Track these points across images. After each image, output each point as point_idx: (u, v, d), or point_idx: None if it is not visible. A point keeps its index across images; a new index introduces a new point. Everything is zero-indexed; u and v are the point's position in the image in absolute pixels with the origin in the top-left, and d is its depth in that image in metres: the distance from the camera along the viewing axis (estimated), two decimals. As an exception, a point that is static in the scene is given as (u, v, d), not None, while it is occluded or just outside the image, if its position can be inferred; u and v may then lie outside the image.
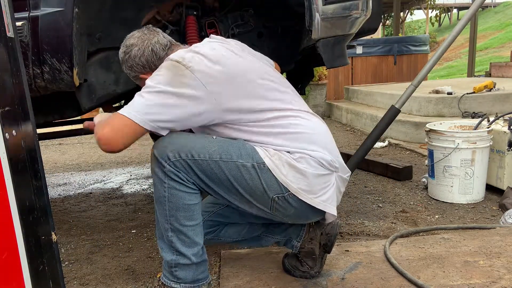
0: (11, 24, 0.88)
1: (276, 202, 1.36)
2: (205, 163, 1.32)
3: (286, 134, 1.37)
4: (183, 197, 1.34)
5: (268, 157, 1.34)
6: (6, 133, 0.84)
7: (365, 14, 2.03)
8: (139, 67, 1.49)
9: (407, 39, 7.97)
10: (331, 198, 1.41)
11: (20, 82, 0.90)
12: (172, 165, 1.32)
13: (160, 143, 1.36)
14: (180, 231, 1.37)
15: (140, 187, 3.29)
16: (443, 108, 4.23)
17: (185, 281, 1.41)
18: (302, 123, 1.40)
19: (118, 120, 1.29)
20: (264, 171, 1.33)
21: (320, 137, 1.41)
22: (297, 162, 1.34)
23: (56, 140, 5.53)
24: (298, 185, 1.34)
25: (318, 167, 1.36)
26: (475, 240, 1.86)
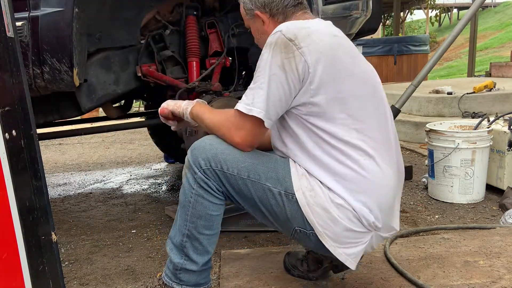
0: (11, 24, 0.88)
1: (297, 233, 1.29)
2: (232, 178, 1.28)
3: (345, 169, 1.22)
4: (208, 207, 1.32)
5: (301, 190, 1.23)
6: (6, 133, 0.84)
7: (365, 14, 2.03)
8: (260, 1, 1.35)
9: (407, 39, 7.99)
10: (356, 254, 1.27)
11: (20, 82, 0.90)
12: (203, 173, 1.29)
13: (195, 147, 1.33)
14: (196, 238, 1.35)
15: (140, 187, 3.29)
16: (443, 108, 4.23)
17: (187, 284, 1.40)
18: (370, 166, 1.22)
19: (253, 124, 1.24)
20: (291, 203, 1.25)
21: (378, 190, 1.24)
22: (334, 208, 1.21)
23: (56, 140, 5.53)
24: (325, 230, 1.23)
25: (356, 222, 1.22)
26: (475, 240, 1.86)
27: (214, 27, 2.35)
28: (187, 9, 2.28)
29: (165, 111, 1.45)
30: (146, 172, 3.78)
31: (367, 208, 1.22)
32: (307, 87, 1.20)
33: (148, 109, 3.67)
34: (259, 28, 1.39)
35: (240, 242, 2.06)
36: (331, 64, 1.21)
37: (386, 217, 1.28)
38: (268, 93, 1.20)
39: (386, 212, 1.27)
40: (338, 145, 1.22)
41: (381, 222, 1.26)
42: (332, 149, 1.22)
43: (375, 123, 1.27)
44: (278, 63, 1.20)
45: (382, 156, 1.25)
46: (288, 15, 1.34)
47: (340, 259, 1.26)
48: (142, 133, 5.76)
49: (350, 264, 1.28)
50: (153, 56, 2.26)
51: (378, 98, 1.30)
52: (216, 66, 2.35)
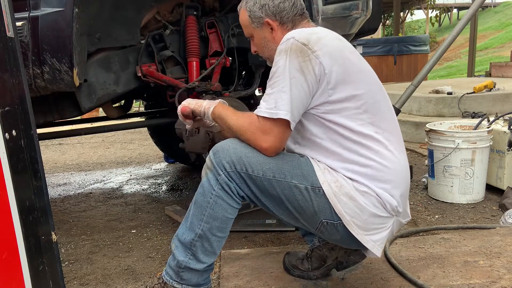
0: (11, 24, 0.88)
1: (324, 226, 1.32)
2: (258, 179, 1.30)
3: (365, 160, 1.28)
4: (226, 209, 1.34)
5: (327, 182, 1.28)
6: (6, 133, 0.84)
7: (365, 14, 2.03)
8: (270, 9, 1.39)
9: (407, 39, 7.99)
10: (381, 240, 1.33)
11: (20, 82, 0.90)
12: (227, 175, 1.31)
13: (218, 149, 1.33)
14: (208, 239, 1.36)
15: (140, 187, 3.29)
16: (443, 108, 4.23)
17: (188, 283, 1.40)
18: (388, 155, 1.30)
19: (279, 128, 1.27)
20: (319, 196, 1.28)
21: (397, 177, 1.31)
22: (359, 195, 1.27)
23: (56, 140, 5.53)
24: (353, 218, 1.28)
25: (380, 207, 1.29)
26: (475, 240, 1.86)
27: (214, 27, 2.35)
28: (187, 9, 2.28)
29: (187, 109, 1.44)
30: (146, 172, 3.78)
31: (389, 194, 1.29)
32: (324, 87, 1.27)
33: (148, 109, 3.67)
34: (266, 36, 1.43)
35: (240, 242, 2.07)
36: (343, 64, 1.28)
37: (404, 202, 1.36)
38: (291, 96, 1.25)
39: (404, 197, 1.35)
40: (357, 138, 1.28)
41: (401, 207, 1.33)
42: (351, 143, 1.29)
43: (387, 115, 1.35)
44: (296, 66, 1.25)
45: (396, 145, 1.33)
46: (296, 23, 1.41)
47: (368, 246, 1.31)
48: (142, 133, 5.76)
49: (376, 251, 1.33)
50: (153, 56, 2.26)
51: (384, 91, 1.38)
52: (216, 66, 2.35)
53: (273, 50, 1.39)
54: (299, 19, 1.41)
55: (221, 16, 2.39)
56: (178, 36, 2.34)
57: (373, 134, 1.29)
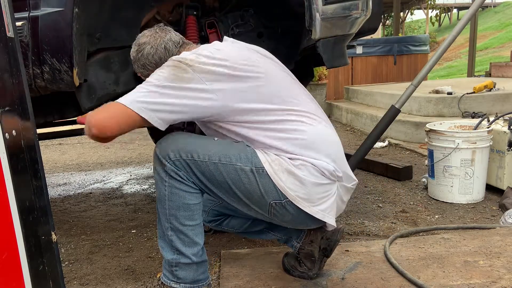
0: (11, 24, 0.88)
1: (273, 207, 1.36)
2: (204, 164, 1.33)
3: (290, 140, 1.35)
4: (183, 196, 1.35)
5: (268, 162, 1.33)
6: (6, 133, 0.84)
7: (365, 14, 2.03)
8: (151, 66, 1.48)
9: (407, 39, 7.97)
10: (330, 207, 1.39)
11: (20, 82, 0.90)
12: (172, 164, 1.33)
13: (162, 142, 1.37)
14: (180, 230, 1.37)
15: (140, 187, 3.29)
16: (443, 108, 4.23)
17: (185, 281, 1.42)
18: (308, 129, 1.37)
19: (114, 107, 1.28)
20: (262, 176, 1.32)
21: (325, 144, 1.38)
22: (297, 169, 1.32)
23: (56, 140, 5.53)
24: (296, 192, 1.32)
25: (319, 176, 1.34)
26: (475, 240, 1.86)
27: (214, 27, 2.35)
28: (187, 9, 2.28)
29: None
30: (146, 172, 3.78)
31: (323, 161, 1.35)
32: None
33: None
34: None
35: (240, 242, 2.06)
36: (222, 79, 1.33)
37: (342, 166, 1.41)
38: None
39: (339, 163, 1.40)
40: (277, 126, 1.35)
41: (340, 171, 1.39)
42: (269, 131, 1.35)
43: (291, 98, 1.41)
44: None
45: (316, 119, 1.41)
46: None
47: (318, 216, 1.36)
48: (142, 133, 5.76)
49: (328, 219, 1.37)
50: (153, 56, 2.26)
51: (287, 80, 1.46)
52: (216, 66, 2.35)
53: None
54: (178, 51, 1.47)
55: (221, 16, 2.39)
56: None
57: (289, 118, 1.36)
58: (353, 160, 2.44)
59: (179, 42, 1.50)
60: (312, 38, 1.88)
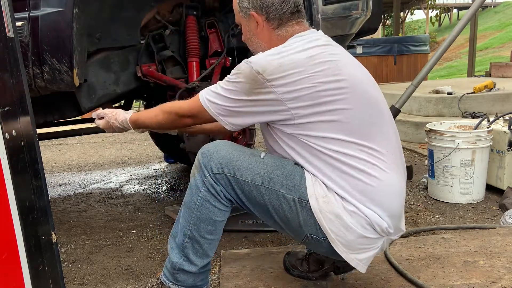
0: (11, 24, 0.88)
1: (308, 239, 1.28)
2: (245, 184, 1.27)
3: (353, 180, 1.21)
4: (213, 212, 1.31)
5: (314, 196, 1.22)
6: (6, 133, 0.84)
7: (365, 14, 2.03)
8: (259, 3, 1.31)
9: (407, 39, 7.98)
10: (368, 259, 1.28)
11: (20, 82, 0.90)
12: (213, 178, 1.28)
13: (207, 150, 1.32)
14: (197, 241, 1.34)
15: (140, 187, 3.29)
16: (443, 108, 4.23)
17: (184, 285, 1.39)
18: (379, 176, 1.22)
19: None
20: (305, 210, 1.23)
21: (390, 198, 1.24)
22: (347, 214, 1.21)
23: (56, 140, 5.53)
24: (338, 237, 1.22)
25: (369, 229, 1.22)
26: (475, 240, 1.86)
27: (214, 27, 2.35)
28: (187, 9, 2.28)
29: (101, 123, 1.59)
30: (146, 172, 3.78)
31: (379, 216, 1.22)
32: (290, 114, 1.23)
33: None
34: (252, 29, 1.37)
35: (240, 242, 2.06)
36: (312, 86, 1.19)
37: (396, 222, 1.28)
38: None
39: (396, 218, 1.27)
40: (345, 159, 1.21)
41: (393, 228, 1.26)
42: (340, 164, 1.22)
43: (376, 131, 1.25)
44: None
45: (388, 163, 1.25)
46: (283, 22, 1.32)
47: (352, 264, 1.26)
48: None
49: (360, 269, 1.28)
50: (153, 56, 2.26)
51: (373, 103, 1.27)
52: (216, 66, 2.35)
53: (256, 45, 1.37)
54: (289, 18, 1.31)
55: (221, 16, 2.39)
56: (178, 36, 2.34)
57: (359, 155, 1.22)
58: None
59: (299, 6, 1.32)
60: (312, 38, 1.88)
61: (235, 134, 2.24)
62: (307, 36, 1.29)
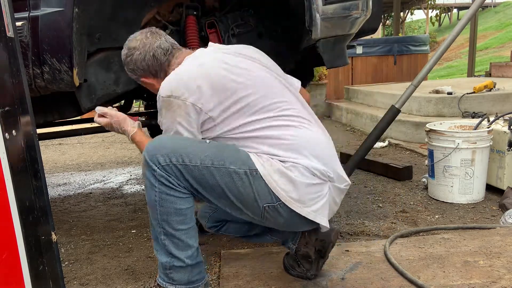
0: (11, 24, 0.88)
1: (266, 211, 1.34)
2: (196, 169, 1.30)
3: (280, 145, 1.35)
4: (175, 202, 1.33)
5: (261, 163, 1.33)
6: (6, 133, 0.84)
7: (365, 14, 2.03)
8: (139, 71, 1.53)
9: (407, 39, 7.97)
10: (322, 208, 1.37)
11: (20, 82, 0.90)
12: (162, 170, 1.30)
13: (151, 146, 1.35)
14: (172, 235, 1.35)
15: (140, 187, 3.29)
16: (443, 108, 4.23)
17: (180, 283, 1.40)
18: (296, 133, 1.38)
19: None
20: (256, 179, 1.31)
21: (314, 146, 1.38)
22: (288, 170, 1.32)
23: (56, 140, 5.53)
24: (289, 193, 1.32)
25: (310, 176, 1.34)
26: (475, 240, 1.86)
27: (214, 27, 2.35)
28: (187, 9, 2.28)
29: (103, 122, 1.62)
30: (146, 172, 3.78)
31: (313, 162, 1.35)
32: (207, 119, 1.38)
33: (148, 109, 3.67)
34: (151, 87, 1.57)
35: (240, 242, 2.06)
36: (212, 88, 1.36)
37: (333, 167, 1.40)
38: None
39: (328, 161, 1.39)
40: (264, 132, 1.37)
41: (331, 171, 1.38)
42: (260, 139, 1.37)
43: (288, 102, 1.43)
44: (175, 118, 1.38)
45: (304, 122, 1.41)
46: (165, 67, 1.51)
47: (309, 217, 1.35)
48: (142, 133, 5.74)
49: (320, 220, 1.36)
50: (153, 56, 2.26)
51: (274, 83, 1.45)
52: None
53: None
54: (167, 62, 1.50)
55: (221, 16, 2.39)
56: (178, 36, 2.33)
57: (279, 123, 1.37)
58: (353, 160, 2.44)
59: (168, 49, 1.51)
60: (312, 38, 1.88)
61: None
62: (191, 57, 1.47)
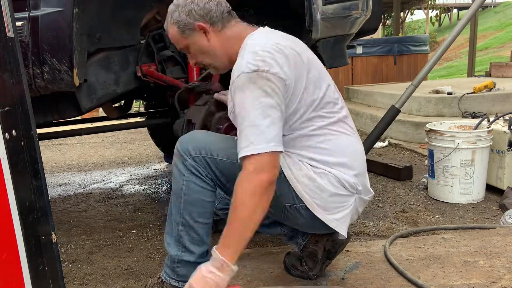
0: (11, 24, 0.88)
1: (287, 210, 1.37)
2: (222, 162, 1.36)
3: (319, 149, 1.35)
4: (199, 192, 1.37)
5: (287, 166, 1.33)
6: (6, 133, 0.84)
7: (365, 14, 2.03)
8: (197, 14, 1.37)
9: (407, 39, 7.97)
10: (344, 218, 1.38)
11: (20, 82, 0.90)
12: (192, 160, 1.36)
13: (184, 139, 1.41)
14: (191, 226, 1.38)
15: (140, 187, 3.29)
16: (443, 108, 4.23)
17: (185, 280, 1.36)
18: (339, 140, 1.37)
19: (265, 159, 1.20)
20: (280, 179, 1.29)
21: (351, 156, 1.38)
22: (318, 176, 1.33)
23: (56, 140, 5.53)
24: (314, 199, 1.33)
25: (339, 186, 1.34)
26: (475, 240, 1.86)
27: (214, 27, 2.35)
28: (187, 9, 2.28)
29: None
30: (146, 172, 3.78)
31: (345, 174, 1.35)
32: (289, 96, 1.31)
33: (148, 109, 3.67)
34: (201, 41, 1.40)
35: (240, 242, 2.06)
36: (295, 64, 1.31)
37: (363, 179, 1.41)
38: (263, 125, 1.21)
39: (361, 174, 1.41)
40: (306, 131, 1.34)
41: (360, 184, 1.39)
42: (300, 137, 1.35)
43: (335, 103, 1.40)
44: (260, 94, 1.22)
45: (346, 128, 1.41)
46: (225, 23, 1.40)
47: (331, 225, 1.35)
48: (142, 133, 5.75)
49: (340, 229, 1.37)
50: (153, 56, 2.26)
51: (328, 79, 1.41)
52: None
53: (211, 55, 1.41)
54: (227, 18, 1.41)
55: (221, 16, 2.38)
56: (178, 36, 2.33)
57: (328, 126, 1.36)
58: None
59: (228, 8, 1.42)
60: (312, 38, 1.89)
61: None
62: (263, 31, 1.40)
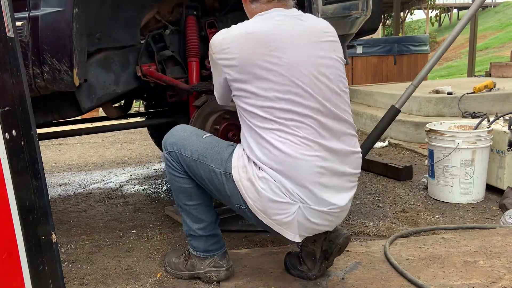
0: (11, 24, 0.88)
1: (239, 210, 1.45)
2: (187, 159, 1.49)
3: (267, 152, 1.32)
4: (178, 181, 1.55)
5: (236, 168, 1.39)
6: (6, 133, 0.84)
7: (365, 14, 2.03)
8: None
9: (407, 39, 7.97)
10: (288, 224, 1.35)
11: (20, 82, 0.90)
12: (168, 154, 1.55)
13: (168, 133, 1.58)
14: (185, 210, 1.59)
15: (140, 187, 3.29)
16: (443, 108, 4.23)
17: (198, 250, 1.62)
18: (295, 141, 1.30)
19: None
20: (229, 181, 1.40)
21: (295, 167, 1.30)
22: (258, 180, 1.33)
23: (56, 140, 5.53)
24: (254, 202, 1.36)
25: (279, 193, 1.31)
26: (475, 240, 1.86)
27: (214, 27, 2.35)
28: (187, 9, 2.28)
29: None
30: (146, 172, 3.78)
31: (287, 180, 1.30)
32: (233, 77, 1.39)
33: (148, 109, 3.67)
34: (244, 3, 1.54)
35: (240, 242, 2.06)
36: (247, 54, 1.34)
37: (312, 190, 1.31)
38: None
39: (309, 185, 1.30)
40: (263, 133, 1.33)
41: (306, 195, 1.31)
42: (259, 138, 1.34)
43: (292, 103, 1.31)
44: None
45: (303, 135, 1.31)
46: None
47: (275, 229, 1.38)
48: (142, 133, 5.75)
49: (285, 234, 1.37)
50: (153, 56, 2.26)
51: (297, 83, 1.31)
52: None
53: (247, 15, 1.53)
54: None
55: (221, 16, 2.39)
56: (178, 36, 2.34)
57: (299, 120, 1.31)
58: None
59: None
60: (312, 38, 1.88)
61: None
62: (265, 14, 1.43)
